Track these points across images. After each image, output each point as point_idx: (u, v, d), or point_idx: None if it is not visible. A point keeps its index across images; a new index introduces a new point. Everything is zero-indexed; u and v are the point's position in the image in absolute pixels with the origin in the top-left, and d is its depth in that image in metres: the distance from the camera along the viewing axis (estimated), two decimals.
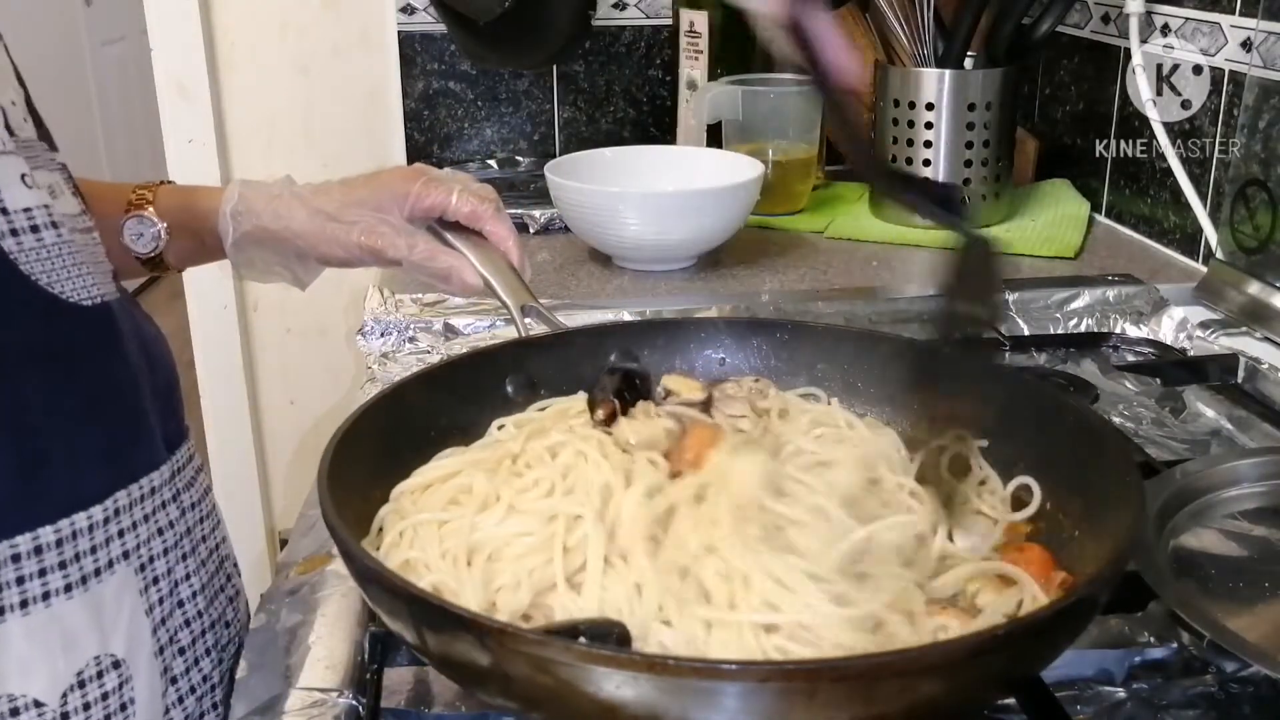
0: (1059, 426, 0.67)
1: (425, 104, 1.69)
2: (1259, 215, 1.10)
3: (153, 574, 0.67)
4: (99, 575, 0.64)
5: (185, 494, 0.72)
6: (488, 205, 0.82)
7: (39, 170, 0.64)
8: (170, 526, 0.69)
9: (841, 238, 1.38)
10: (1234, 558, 0.72)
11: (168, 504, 0.69)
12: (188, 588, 0.71)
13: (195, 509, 0.73)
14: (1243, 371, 1.01)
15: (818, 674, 0.47)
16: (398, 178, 0.83)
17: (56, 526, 0.61)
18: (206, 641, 0.72)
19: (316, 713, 0.58)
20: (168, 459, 0.70)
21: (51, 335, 0.62)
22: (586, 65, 1.69)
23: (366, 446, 0.65)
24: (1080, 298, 1.13)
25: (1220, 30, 1.19)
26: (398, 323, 1.08)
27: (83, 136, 4.06)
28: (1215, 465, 0.78)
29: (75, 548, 0.62)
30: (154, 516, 0.68)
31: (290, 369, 1.84)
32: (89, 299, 0.64)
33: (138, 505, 0.66)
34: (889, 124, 1.38)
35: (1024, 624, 0.51)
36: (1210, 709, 0.60)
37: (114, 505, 0.64)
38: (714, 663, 0.51)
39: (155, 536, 0.68)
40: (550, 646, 0.47)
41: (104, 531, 0.64)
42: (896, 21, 1.34)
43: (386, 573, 0.54)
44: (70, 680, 0.63)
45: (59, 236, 0.63)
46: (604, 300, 1.17)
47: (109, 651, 0.64)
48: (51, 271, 0.62)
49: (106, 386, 0.65)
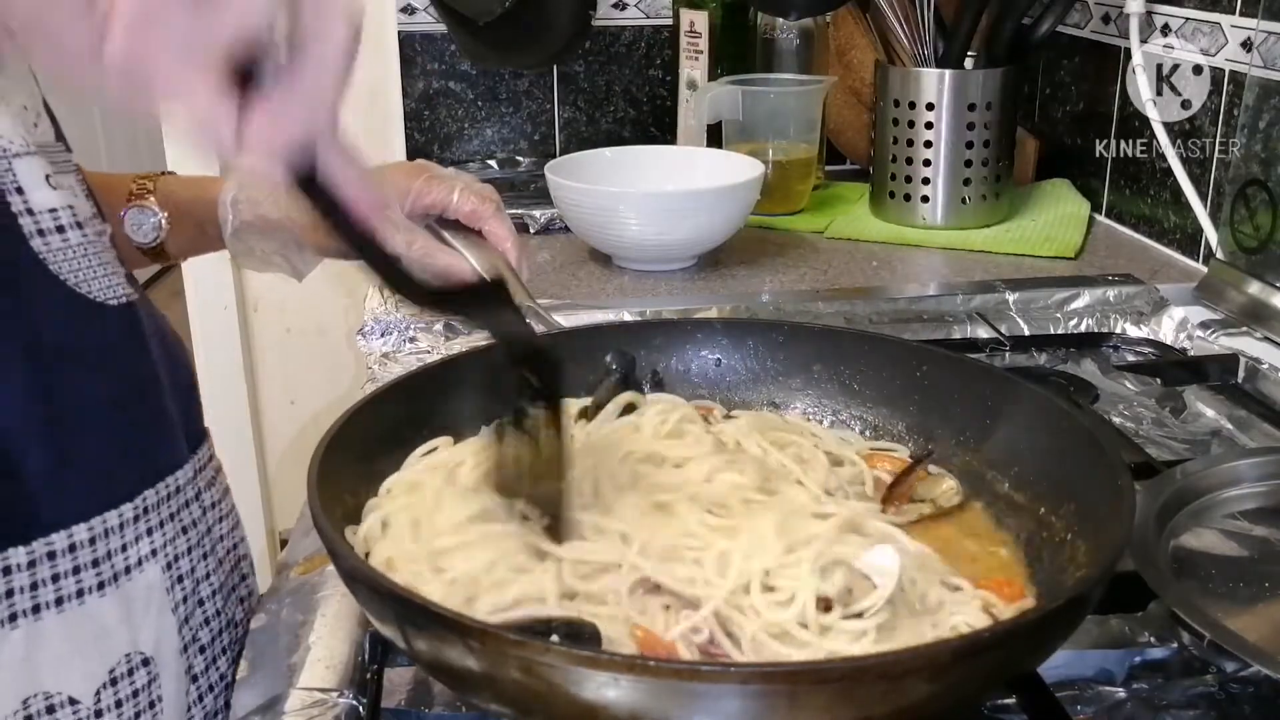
0: (1051, 430, 0.67)
1: (425, 104, 1.69)
2: (1259, 215, 1.10)
3: (177, 573, 0.68)
4: (129, 573, 0.64)
5: (206, 493, 0.72)
6: (489, 205, 0.83)
7: (61, 174, 0.65)
8: (194, 525, 0.70)
9: (841, 238, 1.38)
10: (1234, 558, 0.72)
11: (190, 503, 0.70)
12: (208, 586, 0.71)
13: (215, 508, 0.74)
14: (1243, 371, 1.01)
15: (797, 676, 0.47)
16: (401, 173, 0.83)
17: (90, 524, 0.62)
18: (224, 640, 0.73)
19: (316, 713, 0.59)
20: (190, 458, 0.70)
21: (81, 334, 0.63)
22: (586, 65, 1.69)
23: (357, 447, 0.65)
24: (1080, 298, 1.13)
25: (1220, 30, 1.19)
26: (398, 323, 1.08)
27: (83, 136, 4.04)
28: (1215, 465, 0.78)
29: (108, 545, 0.63)
30: (179, 515, 0.68)
31: (290, 369, 1.84)
32: (115, 298, 0.65)
33: (164, 504, 0.67)
34: (889, 124, 1.37)
35: (1013, 626, 0.51)
36: (1210, 709, 0.60)
37: (143, 504, 0.65)
38: (694, 664, 0.50)
39: (180, 535, 0.68)
40: (529, 648, 0.47)
41: (134, 529, 0.64)
42: (896, 21, 1.34)
43: (372, 572, 0.54)
44: (104, 678, 0.63)
45: (84, 237, 0.64)
46: (604, 300, 1.17)
47: (139, 649, 0.65)
48: (79, 271, 0.63)
49: (133, 385, 0.66)
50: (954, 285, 1.19)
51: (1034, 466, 0.68)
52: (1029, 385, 0.71)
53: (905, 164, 1.37)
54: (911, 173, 1.37)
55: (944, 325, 1.10)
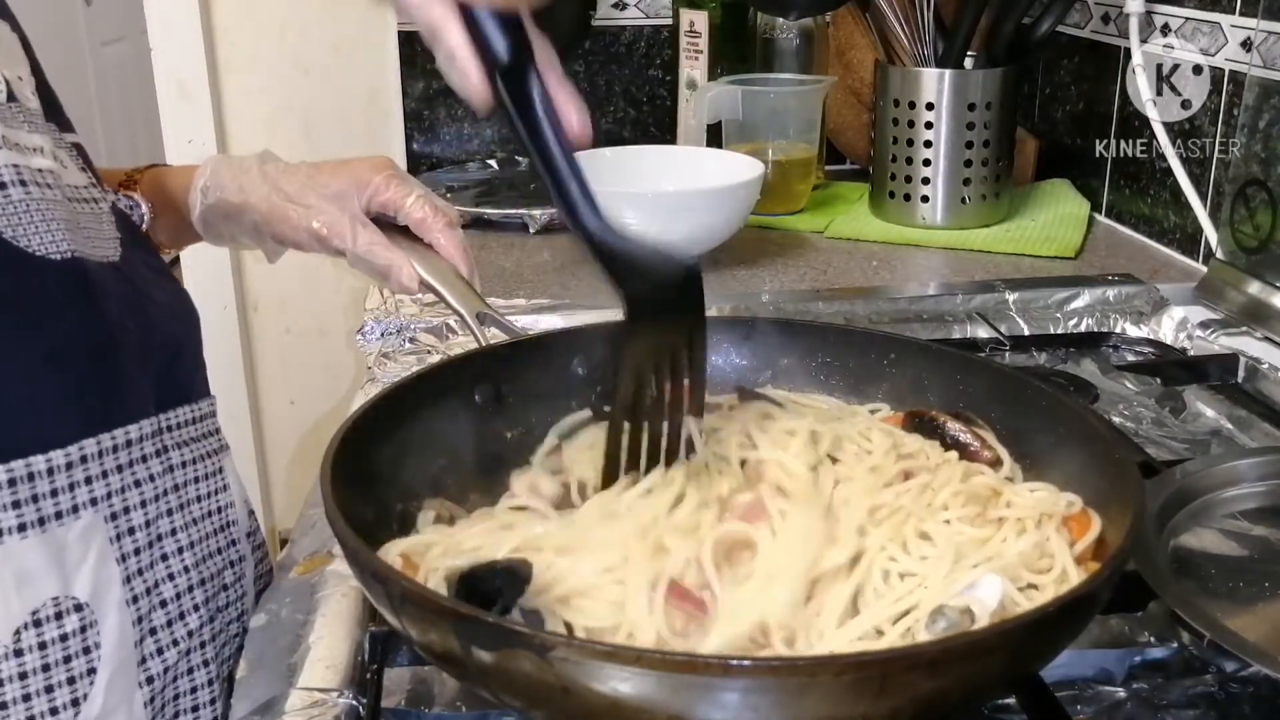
0: (1060, 428, 0.67)
1: (425, 104, 1.69)
2: (1259, 215, 1.10)
3: (128, 524, 0.69)
4: (60, 518, 0.65)
5: (175, 452, 0.72)
6: (441, 218, 0.82)
7: (31, 134, 0.68)
8: (150, 480, 0.70)
9: (841, 237, 1.38)
10: (1234, 558, 0.72)
11: (149, 458, 0.70)
12: (173, 543, 0.71)
13: (188, 468, 0.73)
14: (1243, 371, 1.01)
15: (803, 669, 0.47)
16: (366, 167, 0.84)
17: (9, 466, 0.63)
18: (195, 597, 0.73)
19: (316, 713, 0.59)
20: (153, 415, 0.71)
21: (11, 285, 0.64)
22: (586, 65, 1.69)
23: (367, 451, 0.65)
24: (1080, 297, 1.13)
25: (1220, 30, 1.19)
26: (398, 323, 1.08)
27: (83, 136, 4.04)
28: (1215, 465, 0.78)
29: (32, 489, 0.64)
30: (131, 468, 0.69)
31: (290, 369, 1.84)
32: (58, 253, 0.66)
33: (109, 455, 0.67)
34: (889, 124, 1.38)
35: (1021, 623, 0.51)
36: (1210, 709, 0.60)
37: (79, 452, 0.66)
38: (704, 658, 0.50)
39: (132, 488, 0.69)
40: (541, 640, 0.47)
41: (67, 476, 0.65)
42: (896, 21, 1.34)
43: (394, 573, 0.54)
44: (24, 618, 0.64)
45: (27, 194, 0.65)
46: (604, 300, 1.16)
47: (70, 594, 0.65)
48: (16, 226, 0.64)
49: (73, 338, 0.66)
50: (954, 285, 1.19)
51: (1041, 464, 0.68)
52: (1037, 383, 0.71)
53: (905, 164, 1.37)
54: (911, 173, 1.37)
55: (944, 325, 1.10)
